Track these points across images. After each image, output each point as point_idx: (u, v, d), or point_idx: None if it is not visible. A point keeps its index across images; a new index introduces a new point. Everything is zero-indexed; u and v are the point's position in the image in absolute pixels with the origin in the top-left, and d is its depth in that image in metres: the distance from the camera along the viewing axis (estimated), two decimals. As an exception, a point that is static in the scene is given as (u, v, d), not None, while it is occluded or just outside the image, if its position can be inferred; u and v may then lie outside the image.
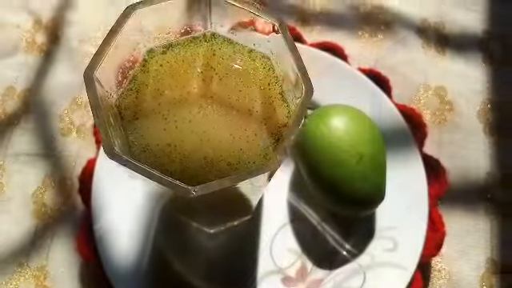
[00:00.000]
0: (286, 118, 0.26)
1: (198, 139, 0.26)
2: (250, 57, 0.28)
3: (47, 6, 0.55)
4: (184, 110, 0.26)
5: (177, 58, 0.27)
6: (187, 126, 0.26)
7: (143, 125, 0.26)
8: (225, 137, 0.26)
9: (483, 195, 0.48)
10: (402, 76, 0.52)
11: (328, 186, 0.41)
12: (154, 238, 0.43)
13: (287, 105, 0.27)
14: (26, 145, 0.49)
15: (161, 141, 0.25)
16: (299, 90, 0.24)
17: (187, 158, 0.25)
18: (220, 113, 0.26)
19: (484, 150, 0.49)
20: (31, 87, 0.51)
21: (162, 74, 0.27)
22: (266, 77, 0.27)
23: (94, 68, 0.22)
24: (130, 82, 0.27)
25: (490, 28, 0.55)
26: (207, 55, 0.28)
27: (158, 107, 0.26)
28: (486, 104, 0.51)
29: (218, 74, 0.27)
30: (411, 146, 0.46)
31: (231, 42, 0.28)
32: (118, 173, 0.44)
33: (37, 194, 0.47)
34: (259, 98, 0.27)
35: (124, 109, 0.26)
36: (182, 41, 0.28)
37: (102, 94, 0.23)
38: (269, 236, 0.45)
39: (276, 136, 0.26)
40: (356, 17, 0.55)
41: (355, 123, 0.41)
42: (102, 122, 0.21)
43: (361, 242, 0.44)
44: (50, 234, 0.45)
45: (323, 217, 0.45)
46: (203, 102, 0.26)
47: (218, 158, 0.25)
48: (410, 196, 0.44)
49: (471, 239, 0.46)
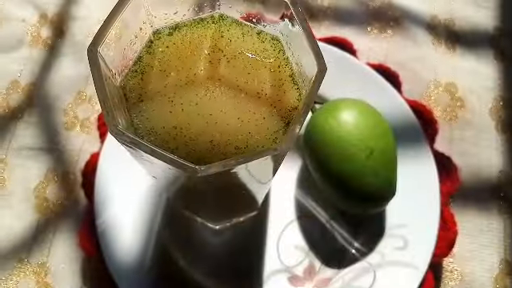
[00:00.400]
0: (296, 101, 0.25)
1: (205, 122, 0.25)
2: (260, 38, 0.27)
3: (53, 1, 0.54)
4: (190, 92, 0.25)
5: (183, 39, 0.27)
6: (194, 108, 0.25)
7: (148, 107, 0.25)
8: (232, 120, 0.25)
9: (496, 194, 0.46)
10: (411, 72, 0.51)
11: (337, 181, 0.40)
12: (157, 233, 0.42)
13: (298, 87, 0.26)
14: (30, 139, 0.48)
15: (166, 123, 0.24)
16: (311, 72, 0.23)
17: (193, 140, 0.24)
18: (228, 95, 0.25)
19: (496, 147, 0.48)
20: (35, 81, 0.50)
21: (168, 55, 0.26)
22: (275, 59, 0.26)
23: (98, 43, 0.21)
24: (135, 63, 0.26)
25: (501, 25, 0.54)
26: (215, 37, 0.27)
27: (164, 89, 0.25)
28: (498, 101, 0.50)
29: (225, 56, 0.26)
30: (422, 143, 0.45)
31: (240, 23, 0.27)
32: (121, 167, 0.43)
33: (39, 188, 0.46)
34: (269, 81, 0.26)
35: (129, 91, 0.25)
36: (189, 22, 0.27)
37: (106, 73, 0.23)
38: (276, 233, 0.43)
39: (286, 119, 0.25)
40: (365, 13, 0.54)
41: (365, 117, 0.40)
42: (105, 98, 0.20)
43: (370, 241, 0.43)
44: (51, 229, 0.44)
45: (332, 214, 0.44)
46: (210, 84, 0.26)
47: (225, 141, 0.24)
48: (421, 193, 0.43)
49: (484, 239, 0.45)
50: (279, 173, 0.44)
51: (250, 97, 0.25)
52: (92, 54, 0.21)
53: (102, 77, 0.21)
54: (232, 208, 0.39)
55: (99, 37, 0.22)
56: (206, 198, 0.33)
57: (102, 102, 0.20)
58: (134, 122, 0.24)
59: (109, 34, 0.22)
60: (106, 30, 0.22)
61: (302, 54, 0.24)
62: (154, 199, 0.43)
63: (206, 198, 0.33)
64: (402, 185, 0.42)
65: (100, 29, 0.22)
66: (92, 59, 0.21)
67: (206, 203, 0.35)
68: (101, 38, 0.22)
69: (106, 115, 0.20)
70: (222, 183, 0.26)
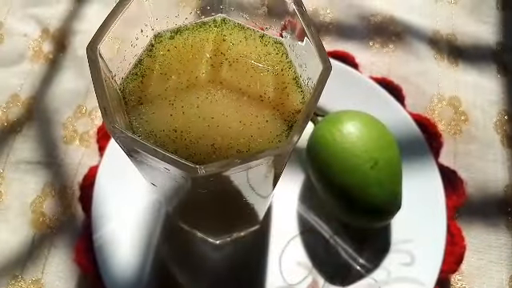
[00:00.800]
0: (300, 104, 0.25)
1: (206, 125, 0.24)
2: (262, 42, 0.26)
3: (56, 16, 0.54)
4: (191, 95, 0.25)
5: (185, 43, 0.26)
6: (195, 111, 0.24)
7: (148, 110, 0.24)
8: (234, 123, 0.24)
9: (503, 209, 0.45)
10: (414, 86, 0.50)
11: (340, 192, 0.39)
12: (156, 249, 0.41)
13: (301, 90, 0.25)
14: (28, 152, 0.47)
15: (166, 126, 0.24)
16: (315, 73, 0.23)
17: (194, 144, 0.23)
18: (230, 98, 0.25)
19: (502, 161, 0.47)
20: (35, 95, 0.50)
21: (169, 59, 0.26)
22: (279, 62, 0.26)
23: (97, 41, 0.21)
24: (135, 66, 0.25)
25: (504, 40, 0.54)
26: (217, 41, 0.26)
27: (165, 92, 0.25)
28: (502, 115, 0.50)
29: (227, 60, 0.26)
30: (427, 156, 0.44)
31: (242, 27, 0.27)
32: (120, 181, 0.43)
33: (36, 202, 0.45)
34: (272, 84, 0.25)
35: (128, 94, 0.25)
36: (191, 26, 0.27)
37: (105, 73, 0.22)
38: (278, 248, 0.42)
39: (289, 123, 0.24)
40: (366, 28, 0.54)
41: (369, 129, 0.40)
42: (103, 95, 0.19)
43: (376, 256, 0.41)
44: (47, 245, 0.43)
45: (335, 229, 0.43)
46: (212, 87, 0.25)
47: (226, 144, 0.23)
48: (427, 207, 0.42)
49: (492, 255, 0.44)
50: (281, 187, 0.43)
51: (252, 100, 0.25)
52: (91, 52, 0.21)
53: (100, 75, 0.20)
54: (232, 222, 0.37)
55: (99, 35, 0.21)
56: (206, 211, 0.32)
57: (100, 99, 0.19)
58: (133, 125, 0.24)
59: (108, 33, 0.22)
60: (106, 28, 0.21)
61: (306, 56, 0.24)
62: (153, 214, 0.42)
63: (205, 210, 0.32)
64: (408, 198, 0.41)
65: (100, 28, 0.21)
66: (91, 57, 0.21)
67: (205, 216, 0.34)
68: (100, 37, 0.21)
69: (103, 113, 0.19)
70: (221, 191, 0.25)
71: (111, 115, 0.19)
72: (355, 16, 0.55)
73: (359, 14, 0.55)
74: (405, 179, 0.41)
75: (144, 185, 0.43)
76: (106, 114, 0.19)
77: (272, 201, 0.43)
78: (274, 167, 0.25)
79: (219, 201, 0.29)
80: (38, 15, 0.54)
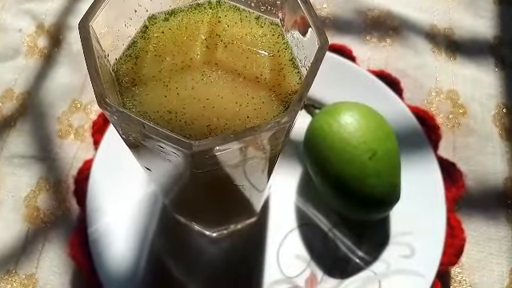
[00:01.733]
0: (296, 85, 0.24)
1: (201, 106, 0.23)
2: (258, 23, 0.26)
3: (51, 11, 0.54)
4: (186, 76, 0.24)
5: (180, 25, 0.26)
6: (190, 92, 0.24)
7: (142, 91, 0.24)
8: (230, 104, 0.24)
9: (503, 201, 0.45)
10: (412, 80, 0.50)
11: (339, 183, 0.38)
12: (151, 242, 0.40)
13: (298, 71, 0.25)
14: (22, 147, 0.46)
15: (161, 108, 0.23)
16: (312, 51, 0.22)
17: (189, 125, 0.23)
18: (225, 80, 0.24)
19: (501, 154, 0.47)
20: (30, 90, 0.49)
21: (163, 40, 0.25)
22: (275, 43, 0.25)
23: (90, 17, 0.20)
24: (128, 47, 0.25)
25: (501, 34, 0.54)
26: (212, 22, 0.26)
27: (159, 74, 0.24)
28: (500, 108, 0.49)
29: (223, 41, 0.25)
30: (426, 148, 0.43)
31: (238, 8, 0.26)
32: (115, 174, 0.42)
33: (30, 197, 0.44)
34: (268, 65, 0.25)
35: (122, 75, 0.24)
36: (186, 7, 0.26)
37: (98, 51, 0.22)
38: (275, 242, 0.41)
39: (286, 104, 0.24)
40: (363, 22, 0.54)
41: (367, 120, 0.39)
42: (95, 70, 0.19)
43: (375, 249, 0.41)
44: (41, 240, 0.42)
45: (334, 222, 0.42)
46: (207, 68, 0.25)
47: (222, 125, 0.23)
48: (427, 199, 0.42)
49: (492, 248, 0.43)
50: (279, 180, 0.43)
51: (248, 81, 0.24)
52: (83, 29, 0.20)
53: (93, 52, 0.20)
54: (229, 212, 0.37)
55: (91, 12, 0.21)
56: (202, 200, 0.32)
57: (93, 76, 0.19)
58: (127, 106, 0.23)
59: (101, 9, 0.21)
60: (99, 5, 0.21)
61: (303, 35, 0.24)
62: (149, 207, 0.42)
63: (201, 199, 0.31)
64: (406, 191, 0.40)
65: (92, 4, 0.21)
66: (83, 33, 0.20)
67: (201, 206, 0.34)
68: (93, 13, 0.21)
69: (95, 87, 0.19)
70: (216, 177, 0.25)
71: (104, 91, 0.19)
72: (352, 10, 0.55)
73: (356, 9, 0.55)
74: (404, 171, 0.40)
75: (139, 178, 0.43)
76: (97, 88, 0.19)
77: (269, 194, 0.43)
78: (269, 149, 0.24)
79: (215, 189, 0.29)
80: (33, 10, 0.54)
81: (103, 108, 0.19)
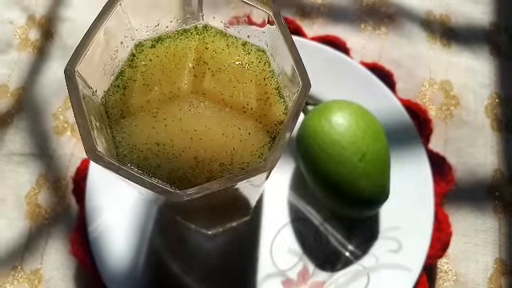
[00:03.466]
0: (282, 115, 0.25)
1: (189, 138, 0.24)
2: (245, 50, 0.26)
3: (41, 2, 0.53)
4: (174, 107, 0.25)
5: (167, 51, 0.26)
6: (177, 124, 0.24)
7: (131, 123, 0.24)
8: (217, 136, 0.24)
9: (491, 193, 0.46)
10: (406, 70, 0.50)
11: (329, 184, 0.39)
12: (150, 240, 0.42)
13: (284, 101, 0.25)
14: (20, 144, 0.47)
15: (149, 140, 0.24)
16: (296, 85, 0.23)
17: (177, 158, 0.24)
18: (212, 110, 0.25)
19: (492, 146, 0.48)
20: (24, 85, 0.50)
21: (151, 68, 0.26)
22: (261, 71, 0.26)
23: (75, 62, 0.21)
24: (116, 77, 0.25)
25: (498, 20, 0.53)
26: (199, 49, 0.26)
27: (147, 104, 0.25)
28: (493, 98, 0.49)
29: (210, 69, 0.26)
30: (416, 143, 0.44)
31: (224, 34, 0.26)
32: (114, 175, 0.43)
33: (30, 194, 0.46)
34: (254, 94, 0.25)
35: (111, 107, 0.25)
36: (173, 34, 0.26)
37: (85, 92, 0.22)
38: (269, 237, 0.43)
39: (272, 134, 0.24)
40: (358, 9, 0.53)
41: (358, 119, 0.40)
42: (83, 122, 0.19)
43: (364, 243, 0.43)
44: (44, 236, 0.44)
45: (325, 217, 0.44)
46: (194, 98, 0.25)
47: (209, 158, 0.24)
48: (415, 195, 0.43)
49: (479, 239, 0.45)
50: (272, 176, 0.44)
51: (234, 111, 0.25)
52: (70, 74, 0.20)
53: (80, 100, 0.20)
54: (224, 215, 0.38)
55: (77, 56, 0.21)
56: (197, 208, 0.33)
57: (81, 127, 0.19)
58: (116, 140, 0.24)
59: (87, 52, 0.21)
60: (85, 47, 0.21)
61: (287, 66, 0.24)
62: (146, 206, 0.43)
63: (196, 208, 0.32)
64: (396, 186, 0.41)
65: (78, 46, 0.21)
66: (70, 79, 0.20)
67: (197, 212, 0.35)
68: (79, 57, 0.21)
69: (83, 138, 0.19)
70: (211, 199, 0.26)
71: (92, 141, 0.19)
72: (347, -3, 0.54)
73: (351, -5, 0.54)
74: (394, 167, 0.41)
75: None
76: (86, 139, 0.19)
77: (263, 190, 0.44)
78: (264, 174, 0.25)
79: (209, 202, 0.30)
80: (23, 1, 0.53)
81: (93, 160, 0.19)
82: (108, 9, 0.22)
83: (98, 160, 0.19)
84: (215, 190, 0.19)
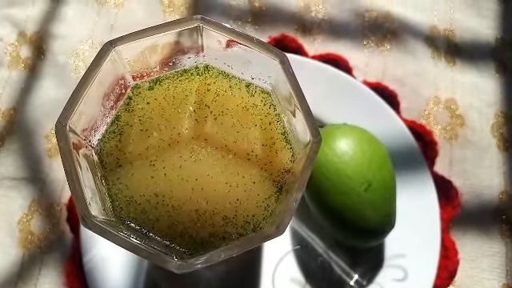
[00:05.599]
0: (289, 163, 0.23)
1: (190, 188, 0.23)
2: (249, 91, 0.24)
3: (32, 18, 0.51)
4: (174, 154, 0.23)
5: (166, 94, 0.24)
6: (177, 172, 0.23)
7: (127, 172, 0.23)
8: (220, 185, 0.23)
9: (498, 216, 0.45)
10: (410, 88, 0.49)
11: (334, 215, 0.38)
12: (148, 271, 0.41)
13: (291, 147, 0.23)
14: (11, 168, 0.46)
15: (147, 191, 0.22)
16: (304, 134, 0.21)
17: (176, 210, 0.22)
18: (215, 157, 0.23)
19: (498, 167, 0.46)
20: (16, 106, 0.48)
21: (149, 113, 0.24)
22: (266, 115, 0.24)
23: (67, 118, 0.19)
24: (112, 123, 0.24)
25: (504, 35, 0.52)
26: (201, 91, 0.24)
27: (145, 152, 0.23)
28: (499, 117, 0.48)
29: (212, 113, 0.24)
30: (422, 167, 0.43)
31: (227, 75, 0.25)
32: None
33: (23, 221, 0.44)
34: (259, 140, 0.24)
35: (106, 155, 0.23)
36: (172, 74, 0.25)
37: (78, 146, 0.20)
38: (271, 265, 0.42)
39: (279, 183, 0.23)
40: (360, 25, 0.52)
41: (363, 146, 0.38)
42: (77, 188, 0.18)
43: (369, 272, 0.41)
44: (38, 265, 0.42)
45: (329, 244, 0.42)
46: (196, 144, 0.23)
47: (211, 210, 0.22)
48: (421, 221, 0.41)
49: (485, 264, 0.44)
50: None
51: (238, 158, 0.23)
52: (61, 132, 0.19)
53: (72, 159, 0.18)
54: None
55: (69, 110, 0.19)
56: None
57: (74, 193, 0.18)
58: (112, 192, 0.22)
59: (79, 104, 0.20)
60: (77, 100, 0.20)
61: (294, 111, 0.22)
62: (143, 233, 0.42)
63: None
64: (402, 213, 0.40)
65: (70, 99, 0.20)
66: (61, 137, 0.19)
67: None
68: (70, 111, 0.19)
69: (76, 204, 0.18)
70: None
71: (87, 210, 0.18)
72: (349, 12, 0.52)
73: (353, 10, 0.52)
74: (399, 193, 0.40)
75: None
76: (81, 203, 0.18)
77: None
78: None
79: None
80: (13, 16, 0.51)
81: (85, 226, 0.18)
82: (101, 58, 0.20)
83: (94, 229, 0.17)
84: (218, 260, 0.18)
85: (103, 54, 0.20)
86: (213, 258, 0.18)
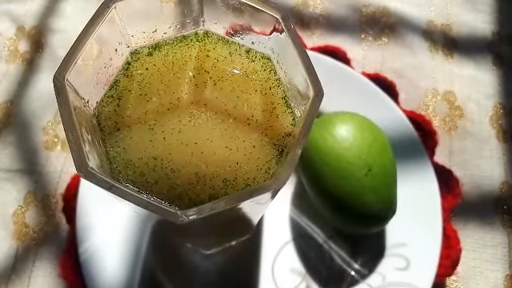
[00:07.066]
0: (290, 126, 0.23)
1: (189, 152, 0.22)
2: (249, 57, 0.24)
3: (31, 13, 0.51)
4: (173, 118, 0.23)
5: (165, 60, 0.24)
6: (176, 136, 0.22)
7: (126, 136, 0.22)
8: (220, 149, 0.22)
9: (499, 207, 0.44)
10: (408, 81, 0.49)
11: (334, 201, 0.37)
12: (144, 260, 0.40)
13: (291, 111, 0.23)
14: (7, 160, 0.45)
15: (146, 154, 0.22)
16: (306, 94, 0.21)
17: (175, 173, 0.22)
18: (214, 122, 0.23)
19: (498, 157, 0.46)
20: (13, 98, 0.47)
21: (147, 78, 0.24)
22: (266, 80, 0.24)
23: (65, 71, 0.19)
24: (110, 87, 0.23)
25: (500, 29, 0.52)
26: (200, 57, 0.24)
27: (144, 116, 0.23)
28: (498, 108, 0.48)
29: (212, 78, 0.24)
30: (422, 156, 0.42)
31: (227, 41, 0.25)
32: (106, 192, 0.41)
33: (18, 213, 0.43)
34: (259, 105, 0.23)
35: (104, 119, 0.23)
36: (171, 40, 0.24)
37: (76, 103, 0.20)
38: (270, 255, 0.41)
39: (279, 147, 0.23)
40: (358, 20, 0.52)
41: (363, 132, 0.38)
42: (74, 135, 0.17)
43: (370, 261, 0.40)
44: (32, 257, 0.42)
45: (329, 234, 0.42)
46: (195, 109, 0.23)
47: (211, 173, 0.22)
48: (423, 210, 0.41)
49: (488, 254, 0.43)
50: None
51: (238, 123, 0.23)
52: (59, 83, 0.19)
53: (70, 111, 0.18)
54: (224, 234, 0.36)
55: (67, 63, 0.19)
56: (196, 228, 0.31)
57: (71, 140, 0.17)
58: (110, 155, 0.22)
59: (78, 58, 0.20)
60: (76, 54, 0.19)
61: (296, 74, 0.22)
62: (141, 224, 0.41)
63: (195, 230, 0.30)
64: (402, 201, 0.40)
65: (68, 53, 0.19)
66: (59, 88, 0.19)
67: (194, 233, 0.33)
68: (69, 64, 0.19)
69: (73, 153, 0.17)
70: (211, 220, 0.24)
71: (82, 156, 0.17)
72: (346, 7, 0.53)
73: (351, 5, 0.53)
74: (400, 181, 0.40)
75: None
76: (76, 153, 0.17)
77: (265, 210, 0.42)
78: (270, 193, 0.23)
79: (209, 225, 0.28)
80: (12, 11, 0.51)
81: (84, 176, 0.17)
82: (101, 13, 0.20)
83: (89, 177, 0.17)
84: (220, 210, 0.17)
85: (103, 11, 0.20)
86: (212, 207, 0.17)
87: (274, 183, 0.18)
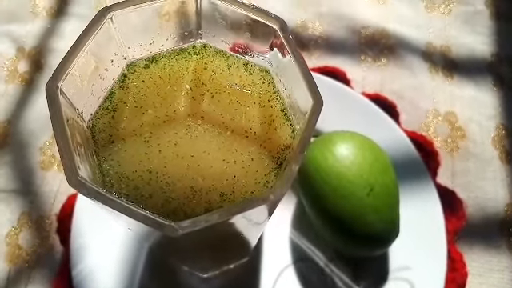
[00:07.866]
0: (289, 139, 0.22)
1: (185, 165, 0.21)
2: (247, 70, 0.24)
3: (32, 33, 0.52)
4: (169, 131, 0.22)
5: (162, 72, 0.24)
6: (172, 149, 0.22)
7: (120, 149, 0.22)
8: (217, 162, 0.22)
9: (504, 229, 0.43)
10: (408, 101, 0.48)
11: (335, 221, 0.36)
12: (140, 283, 0.38)
13: (291, 123, 0.23)
14: (2, 180, 0.44)
15: (140, 167, 0.21)
16: (305, 106, 0.20)
17: (171, 186, 0.21)
18: (212, 134, 0.22)
19: (502, 179, 0.45)
20: (11, 118, 0.47)
21: (144, 90, 0.23)
22: (265, 93, 0.23)
23: (58, 79, 0.18)
24: (105, 99, 0.23)
25: (499, 50, 0.52)
26: (197, 69, 0.24)
27: (139, 129, 0.22)
28: (500, 130, 0.48)
29: (209, 91, 0.23)
30: (424, 177, 0.42)
31: (225, 53, 0.24)
32: (100, 211, 0.40)
33: (11, 234, 0.42)
34: (258, 117, 0.23)
35: (98, 131, 0.22)
36: (168, 53, 0.24)
37: (69, 114, 0.19)
38: (270, 280, 0.40)
39: (278, 160, 0.22)
40: (357, 41, 0.52)
41: (364, 151, 0.37)
42: (65, 145, 0.17)
43: (373, 285, 0.39)
44: (24, 280, 0.40)
45: (330, 256, 0.40)
46: (192, 121, 0.23)
47: (208, 187, 0.21)
48: (426, 232, 0.40)
49: (494, 279, 0.41)
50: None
51: (236, 135, 0.22)
52: (51, 91, 0.18)
53: (61, 118, 0.18)
54: (222, 256, 0.35)
55: (60, 71, 0.19)
56: (191, 249, 0.30)
57: (62, 150, 0.17)
58: (103, 168, 0.21)
59: (72, 67, 0.19)
60: (70, 62, 0.19)
61: (295, 86, 0.22)
62: (136, 245, 0.40)
63: (191, 249, 0.29)
64: (405, 223, 0.39)
65: (62, 61, 0.19)
66: (51, 96, 0.18)
67: (191, 254, 0.32)
68: (62, 73, 0.19)
69: (63, 161, 0.17)
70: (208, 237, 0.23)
71: (73, 165, 0.17)
72: (345, 29, 0.53)
73: (350, 27, 0.53)
74: (402, 203, 0.39)
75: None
76: (66, 162, 0.17)
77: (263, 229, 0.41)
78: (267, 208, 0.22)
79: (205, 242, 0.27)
80: (13, 32, 0.52)
81: (73, 186, 0.16)
82: (95, 23, 0.20)
83: (79, 187, 0.16)
84: (215, 222, 0.17)
85: (98, 20, 0.20)
86: (207, 219, 0.16)
87: (270, 195, 0.17)
